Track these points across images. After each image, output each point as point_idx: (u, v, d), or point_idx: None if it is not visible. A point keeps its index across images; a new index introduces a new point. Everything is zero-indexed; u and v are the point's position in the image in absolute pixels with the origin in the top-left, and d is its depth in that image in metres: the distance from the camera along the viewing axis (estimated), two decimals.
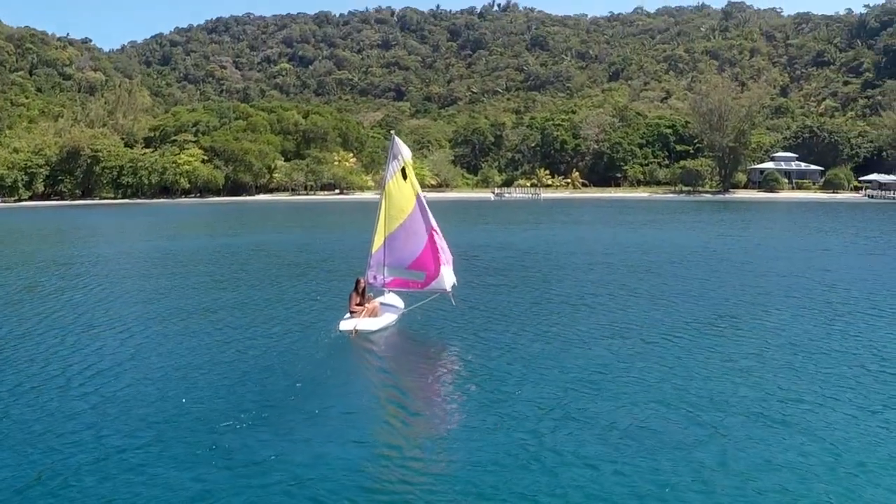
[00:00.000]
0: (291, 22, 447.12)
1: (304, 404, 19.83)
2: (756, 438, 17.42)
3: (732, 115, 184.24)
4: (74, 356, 25.03)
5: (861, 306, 33.21)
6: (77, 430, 18.19)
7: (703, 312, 31.87)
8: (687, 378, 21.96)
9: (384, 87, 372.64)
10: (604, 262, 50.56)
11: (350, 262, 48.40)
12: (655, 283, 40.44)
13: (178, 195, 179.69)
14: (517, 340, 26.71)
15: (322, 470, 15.86)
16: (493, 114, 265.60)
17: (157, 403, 20.06)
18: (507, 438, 17.43)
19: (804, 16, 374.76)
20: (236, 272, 47.11)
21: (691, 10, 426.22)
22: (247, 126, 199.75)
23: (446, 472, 15.96)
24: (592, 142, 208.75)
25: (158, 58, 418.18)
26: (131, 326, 29.77)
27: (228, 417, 18.78)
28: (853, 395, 20.43)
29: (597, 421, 18.44)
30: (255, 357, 24.71)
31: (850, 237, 72.33)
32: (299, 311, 32.97)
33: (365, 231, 64.79)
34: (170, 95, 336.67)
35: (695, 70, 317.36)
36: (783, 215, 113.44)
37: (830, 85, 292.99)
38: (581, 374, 22.38)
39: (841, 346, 25.86)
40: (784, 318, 30.52)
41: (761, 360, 24.01)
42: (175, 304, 35.01)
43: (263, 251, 61.45)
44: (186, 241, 71.90)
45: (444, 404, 20.77)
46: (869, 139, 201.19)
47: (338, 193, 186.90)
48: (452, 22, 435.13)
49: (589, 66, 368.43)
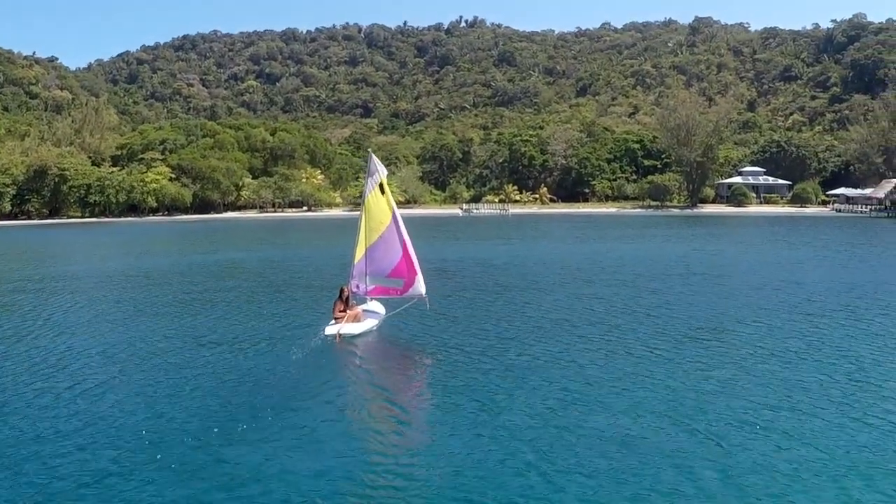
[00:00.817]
0: (258, 39, 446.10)
1: (291, 415, 20.38)
2: (740, 445, 17.73)
3: (700, 129, 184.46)
4: (58, 375, 24.99)
5: (837, 317, 34.13)
6: (65, 452, 17.98)
7: (683, 324, 32.67)
8: (665, 384, 22.82)
9: (352, 103, 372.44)
10: (579, 277, 50.98)
11: (324, 277, 50.42)
12: (632, 296, 41.14)
13: (145, 213, 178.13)
14: (494, 349, 27.91)
15: (312, 479, 16.26)
16: (460, 130, 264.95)
17: (147, 420, 20.12)
18: (483, 442, 18.25)
19: (771, 31, 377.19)
20: (214, 289, 47.23)
21: (658, 26, 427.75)
22: (214, 144, 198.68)
23: (426, 476, 16.47)
24: (560, 157, 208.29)
25: (125, 76, 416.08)
26: (114, 345, 29.74)
27: (215, 431, 18.99)
28: (836, 401, 21.00)
29: (579, 427, 19.17)
30: (238, 370, 25.18)
31: (821, 250, 73.29)
32: (279, 325, 33.43)
33: (336, 247, 65.32)
34: (137, 113, 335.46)
35: (662, 85, 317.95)
36: (754, 229, 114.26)
37: (798, 99, 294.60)
38: (558, 382, 23.21)
39: (821, 354, 26.69)
40: (763, 330, 31.14)
41: (741, 369, 24.68)
42: (154, 321, 35.26)
43: (239, 268, 61.61)
44: (160, 259, 71.75)
45: (423, 410, 21.62)
46: (836, 153, 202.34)
47: (306, 210, 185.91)
48: (419, 38, 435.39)
49: (556, 82, 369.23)
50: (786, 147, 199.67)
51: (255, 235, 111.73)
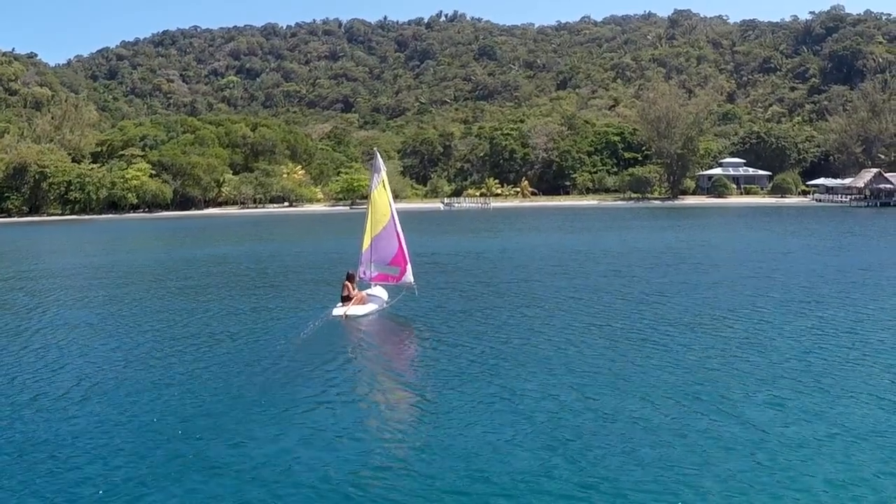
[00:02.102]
0: (238, 34, 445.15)
1: (301, 389, 22.13)
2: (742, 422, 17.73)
3: (680, 121, 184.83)
4: (60, 372, 24.98)
5: (842, 301, 35.40)
6: (74, 454, 17.66)
7: (679, 310, 33.87)
8: (666, 366, 23.74)
9: (332, 98, 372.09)
10: (570, 268, 51.74)
11: (319, 270, 52.78)
12: (628, 286, 42.19)
13: (126, 210, 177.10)
14: (487, 331, 29.92)
15: (313, 465, 16.61)
16: (441, 124, 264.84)
17: (165, 404, 21.01)
18: (484, 417, 19.46)
19: (750, 23, 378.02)
20: (215, 282, 48.83)
21: (638, 19, 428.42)
22: (194, 140, 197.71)
23: (432, 449, 17.38)
24: (541, 150, 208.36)
25: (105, 72, 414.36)
26: (117, 336, 30.78)
27: (215, 423, 19.25)
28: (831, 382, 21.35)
29: (577, 402, 20.32)
30: (252, 350, 27.37)
31: (810, 238, 74.77)
32: (283, 312, 35.74)
33: (324, 241, 66.47)
34: (117, 110, 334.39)
35: (642, 78, 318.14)
36: (738, 220, 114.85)
37: (777, 91, 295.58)
38: (552, 361, 24.85)
39: (823, 342, 26.86)
40: (758, 318, 31.65)
41: (743, 352, 25.39)
42: (149, 316, 35.92)
43: (233, 263, 62.31)
44: (150, 255, 72.98)
45: (421, 384, 23.05)
46: (815, 144, 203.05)
47: (287, 206, 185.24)
48: (400, 33, 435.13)
49: (537, 76, 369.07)
50: (765, 138, 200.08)
51: (242, 231, 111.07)
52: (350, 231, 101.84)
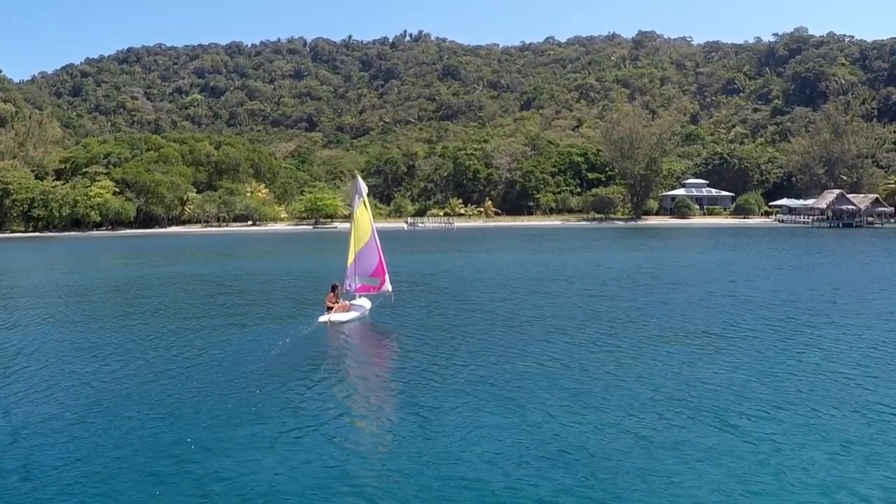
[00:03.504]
0: (203, 52, 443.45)
1: (288, 391, 23.84)
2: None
3: (643, 142, 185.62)
4: (59, 387, 25.33)
5: (817, 319, 36.78)
6: (63, 465, 17.97)
7: (656, 325, 35.36)
8: (644, 377, 24.99)
9: (296, 117, 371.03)
10: (543, 286, 52.61)
11: (295, 289, 54.73)
12: (606, 304, 43.48)
13: (89, 228, 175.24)
14: (460, 337, 32.91)
15: (303, 473, 17.10)
16: (405, 143, 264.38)
17: (161, 413, 21.88)
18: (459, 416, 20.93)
19: (714, 44, 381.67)
20: (177, 300, 49.59)
21: (602, 40, 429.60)
22: (158, 157, 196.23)
23: (411, 448, 18.49)
24: (505, 171, 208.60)
25: (69, 88, 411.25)
26: (101, 352, 31.09)
27: (200, 435, 19.58)
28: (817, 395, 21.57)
29: (548, 411, 21.14)
30: (240, 356, 29.31)
31: (777, 257, 76.81)
32: (264, 322, 38.40)
33: (296, 259, 77.70)
34: (81, 127, 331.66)
35: (606, 98, 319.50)
36: (703, 240, 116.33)
37: (740, 112, 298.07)
38: (520, 364, 27.22)
39: (805, 358, 27.92)
40: (738, 333, 33.01)
41: (722, 364, 26.62)
42: (124, 332, 36.43)
43: (205, 280, 62.73)
44: (122, 272, 72.60)
45: (400, 383, 25.49)
46: (778, 165, 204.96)
47: (251, 225, 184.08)
48: (364, 52, 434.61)
49: (501, 96, 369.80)
50: (728, 159, 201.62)
51: (210, 250, 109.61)
52: (318, 250, 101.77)
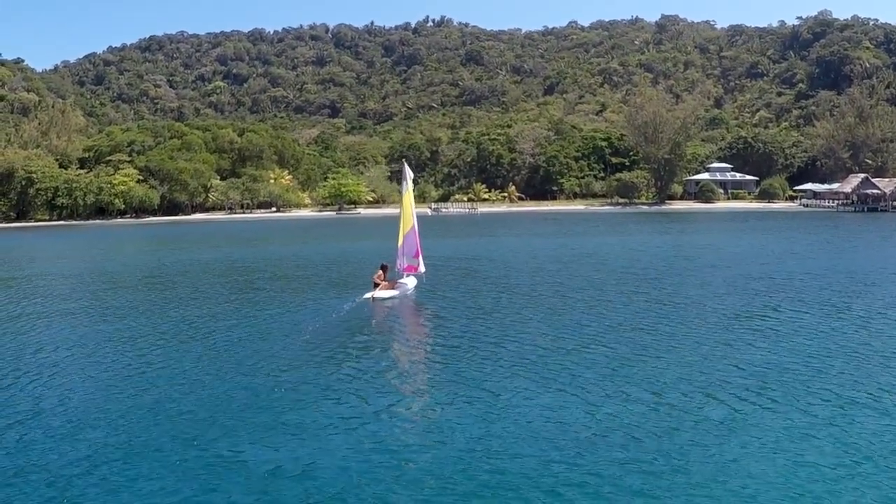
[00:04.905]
0: (225, 40, 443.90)
1: (333, 366, 24.94)
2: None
3: (667, 127, 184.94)
4: (87, 371, 25.54)
5: (857, 302, 36.54)
6: (105, 443, 18.19)
7: (707, 310, 34.94)
8: (698, 361, 24.71)
9: (319, 103, 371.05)
10: (579, 272, 52.41)
11: (330, 272, 56.21)
12: (648, 288, 43.33)
13: (113, 216, 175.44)
14: (503, 324, 32.24)
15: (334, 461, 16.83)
16: (428, 129, 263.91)
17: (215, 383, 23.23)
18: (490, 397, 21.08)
19: (737, 28, 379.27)
20: (217, 285, 50.32)
21: (625, 24, 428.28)
22: (182, 145, 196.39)
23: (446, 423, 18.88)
24: (528, 155, 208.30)
25: (92, 77, 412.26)
26: (149, 339, 31.15)
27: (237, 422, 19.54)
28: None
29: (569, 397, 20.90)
30: (290, 328, 31.74)
31: (810, 241, 77.33)
32: (309, 300, 40.79)
33: (323, 245, 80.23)
34: (104, 115, 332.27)
35: (629, 83, 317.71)
36: (730, 223, 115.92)
37: (764, 96, 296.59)
38: (559, 349, 27.04)
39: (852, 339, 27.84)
40: (791, 315, 33.07)
41: (753, 353, 25.71)
42: (168, 318, 36.47)
43: (240, 265, 63.48)
44: (156, 258, 73.03)
45: (434, 360, 26.57)
46: (803, 149, 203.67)
47: (274, 211, 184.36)
48: (387, 38, 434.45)
49: (524, 81, 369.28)
50: (753, 143, 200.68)
51: (239, 236, 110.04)
52: (347, 236, 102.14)
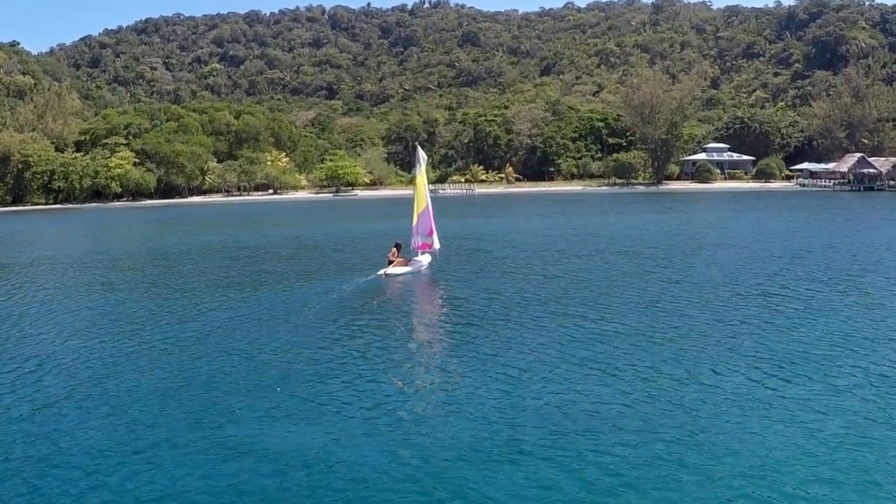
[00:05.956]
0: (222, 22, 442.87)
1: (350, 336, 27.80)
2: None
3: (664, 107, 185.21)
4: (98, 354, 26.30)
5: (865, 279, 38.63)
6: (119, 422, 19.12)
7: (719, 287, 36.56)
8: (710, 339, 26.18)
9: (316, 85, 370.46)
10: (584, 249, 55.51)
11: (339, 252, 59.79)
12: (649, 265, 45.87)
13: (110, 199, 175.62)
14: (513, 302, 34.13)
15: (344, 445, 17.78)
16: (425, 111, 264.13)
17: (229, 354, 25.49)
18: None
19: (734, 8, 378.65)
20: (226, 266, 52.52)
21: (622, 5, 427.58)
22: (178, 128, 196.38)
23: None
24: (525, 136, 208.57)
25: (88, 60, 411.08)
26: (161, 318, 32.67)
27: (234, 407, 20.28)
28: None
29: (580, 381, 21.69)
30: (308, 299, 35.12)
31: (813, 220, 78.68)
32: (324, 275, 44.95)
33: (326, 226, 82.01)
34: (100, 98, 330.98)
35: (626, 64, 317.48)
36: (730, 203, 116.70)
37: (761, 76, 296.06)
38: (560, 323, 29.04)
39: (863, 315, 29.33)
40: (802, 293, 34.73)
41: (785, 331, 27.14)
42: (181, 298, 38.25)
43: (245, 247, 65.50)
44: (159, 241, 75.08)
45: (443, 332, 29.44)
46: (799, 129, 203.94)
47: (272, 193, 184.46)
48: (384, 19, 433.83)
49: (520, 62, 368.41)
50: (749, 123, 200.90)
51: (239, 218, 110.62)
52: (348, 217, 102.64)
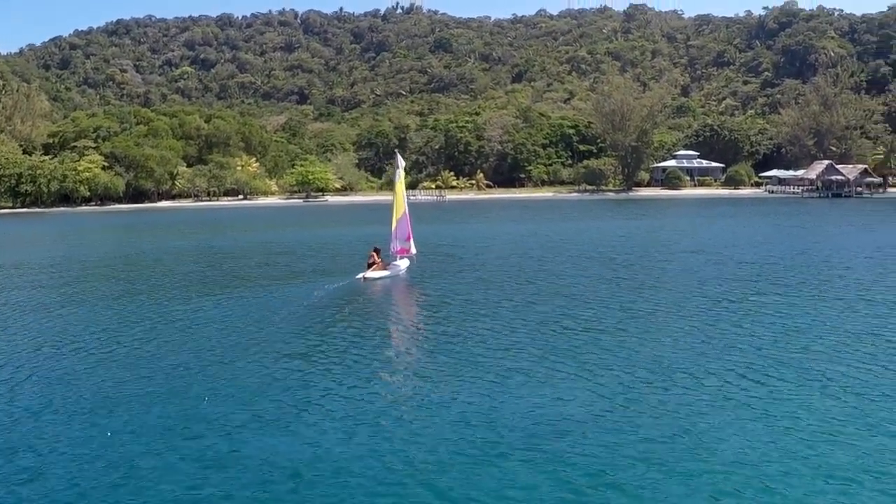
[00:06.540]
0: (193, 24, 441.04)
1: (321, 338, 28.49)
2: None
3: (634, 114, 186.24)
4: (72, 362, 26.11)
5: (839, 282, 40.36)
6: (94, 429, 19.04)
7: (683, 293, 37.64)
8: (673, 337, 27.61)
9: (287, 90, 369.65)
10: (550, 254, 56.43)
11: (313, 257, 58.95)
12: (637, 273, 46.45)
13: (78, 203, 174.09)
14: (487, 304, 35.39)
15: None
16: (396, 116, 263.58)
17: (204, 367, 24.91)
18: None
19: (704, 17, 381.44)
20: (202, 270, 52.95)
21: (593, 13, 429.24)
22: (148, 131, 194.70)
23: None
24: (496, 143, 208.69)
25: (57, 61, 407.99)
26: (139, 324, 32.51)
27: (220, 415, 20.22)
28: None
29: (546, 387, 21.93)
30: (287, 303, 35.77)
31: (783, 226, 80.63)
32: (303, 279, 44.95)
33: (298, 232, 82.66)
34: (69, 100, 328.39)
35: (597, 71, 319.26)
36: (700, 209, 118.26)
37: (731, 84, 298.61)
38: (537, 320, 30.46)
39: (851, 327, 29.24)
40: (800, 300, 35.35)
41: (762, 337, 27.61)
42: (157, 304, 37.98)
43: (221, 252, 65.54)
44: (136, 246, 74.61)
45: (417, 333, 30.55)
46: (768, 136, 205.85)
47: (241, 199, 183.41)
48: (356, 24, 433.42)
49: (492, 68, 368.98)
50: (719, 131, 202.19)
51: (211, 223, 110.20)
52: (320, 223, 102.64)
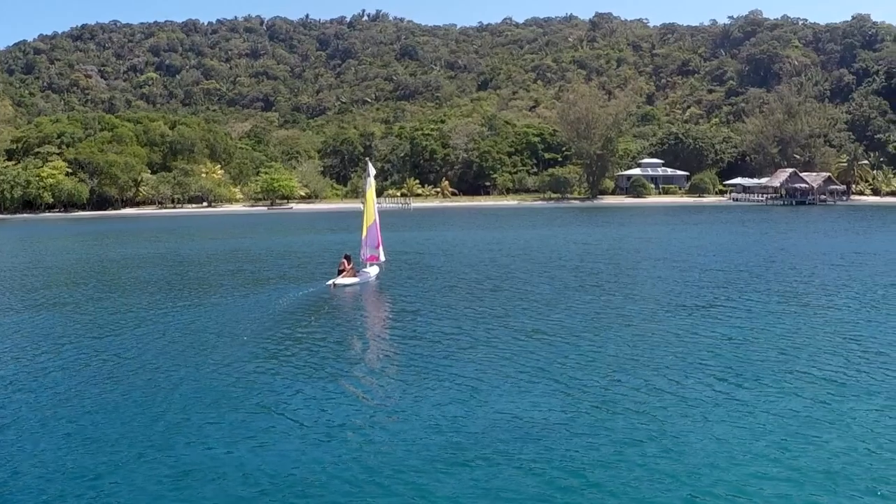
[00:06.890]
0: (159, 30, 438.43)
1: (293, 343, 29.51)
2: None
3: (600, 123, 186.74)
4: (42, 373, 26.03)
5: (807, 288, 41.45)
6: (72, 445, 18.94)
7: (661, 298, 38.96)
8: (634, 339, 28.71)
9: (252, 96, 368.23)
10: (517, 263, 57.37)
11: (281, 265, 59.66)
12: (605, 280, 47.45)
13: (41, 210, 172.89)
14: (454, 310, 36.76)
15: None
16: (362, 124, 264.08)
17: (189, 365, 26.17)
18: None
19: (670, 26, 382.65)
20: (169, 277, 53.20)
21: (559, 21, 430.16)
22: (112, 137, 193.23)
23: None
24: (461, 151, 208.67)
25: (21, 66, 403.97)
26: (107, 330, 32.92)
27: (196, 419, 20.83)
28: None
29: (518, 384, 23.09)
30: (258, 309, 36.74)
31: (748, 233, 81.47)
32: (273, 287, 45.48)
33: (264, 239, 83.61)
34: (33, 105, 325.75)
35: (563, 79, 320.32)
36: (665, 217, 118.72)
37: (695, 93, 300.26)
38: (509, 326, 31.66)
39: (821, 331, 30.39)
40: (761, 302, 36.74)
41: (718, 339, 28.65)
42: (129, 310, 38.36)
43: (187, 260, 65.86)
44: (98, 253, 75.34)
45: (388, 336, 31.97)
46: (733, 144, 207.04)
47: (206, 206, 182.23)
48: (322, 31, 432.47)
49: (458, 76, 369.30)
50: (683, 139, 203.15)
51: (177, 231, 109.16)
52: (285, 230, 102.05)
